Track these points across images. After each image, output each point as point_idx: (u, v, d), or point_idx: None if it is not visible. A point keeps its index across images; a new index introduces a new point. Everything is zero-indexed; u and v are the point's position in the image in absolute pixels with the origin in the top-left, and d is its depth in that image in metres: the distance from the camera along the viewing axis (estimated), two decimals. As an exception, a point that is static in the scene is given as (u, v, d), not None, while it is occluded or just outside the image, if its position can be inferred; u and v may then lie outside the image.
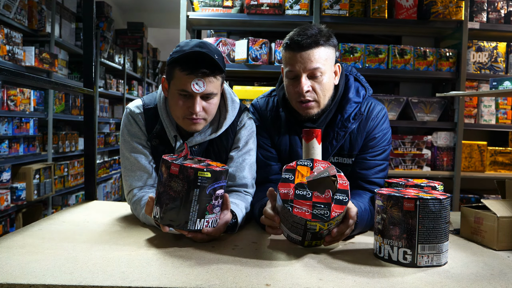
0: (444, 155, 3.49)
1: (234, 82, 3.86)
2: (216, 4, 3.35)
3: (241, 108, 1.62)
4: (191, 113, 1.43)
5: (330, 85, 1.53)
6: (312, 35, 1.46)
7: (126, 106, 1.60)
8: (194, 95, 1.41)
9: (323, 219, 1.14)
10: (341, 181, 1.21)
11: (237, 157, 1.57)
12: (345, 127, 1.56)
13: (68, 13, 4.51)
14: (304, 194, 1.17)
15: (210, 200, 1.20)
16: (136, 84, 7.17)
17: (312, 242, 1.24)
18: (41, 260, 1.09)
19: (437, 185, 1.42)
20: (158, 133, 1.55)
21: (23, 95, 3.61)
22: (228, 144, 1.59)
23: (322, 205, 1.16)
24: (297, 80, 1.49)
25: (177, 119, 1.49)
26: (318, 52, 1.46)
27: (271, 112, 1.68)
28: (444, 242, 1.12)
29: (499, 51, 3.51)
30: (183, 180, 1.18)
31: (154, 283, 0.96)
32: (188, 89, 1.40)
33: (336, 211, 1.15)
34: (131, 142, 1.56)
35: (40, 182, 3.85)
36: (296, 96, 1.51)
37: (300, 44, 1.45)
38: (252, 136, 1.62)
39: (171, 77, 1.44)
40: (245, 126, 1.60)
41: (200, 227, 1.21)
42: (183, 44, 1.44)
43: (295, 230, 1.20)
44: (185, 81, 1.39)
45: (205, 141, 1.56)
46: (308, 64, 1.46)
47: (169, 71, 1.45)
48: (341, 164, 1.60)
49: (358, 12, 3.41)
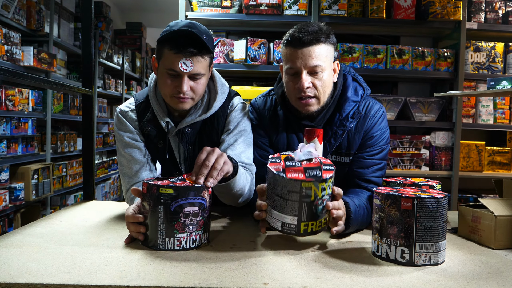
0: (442, 155, 3.50)
1: (233, 82, 3.86)
2: (215, 4, 3.36)
3: (231, 93, 1.64)
4: (178, 92, 1.45)
5: (329, 82, 1.54)
6: (313, 31, 1.47)
7: (116, 108, 1.62)
8: (182, 75, 1.43)
9: (316, 179, 1.17)
10: (324, 160, 1.26)
11: (228, 139, 1.57)
12: (343, 125, 1.57)
13: (66, 13, 4.51)
14: (294, 164, 1.23)
15: (177, 217, 1.17)
16: (135, 84, 7.17)
17: (308, 224, 1.21)
18: (39, 260, 1.09)
19: (435, 184, 1.42)
20: (149, 121, 1.57)
21: (21, 95, 3.61)
22: (219, 126, 1.60)
23: (313, 169, 1.20)
24: (298, 77, 1.50)
25: (165, 97, 1.51)
26: (319, 48, 1.47)
27: (269, 111, 1.69)
28: (442, 241, 1.12)
29: (497, 51, 3.52)
30: (150, 198, 1.19)
31: (152, 282, 0.96)
32: (176, 68, 1.41)
33: (327, 174, 1.19)
34: (123, 139, 1.58)
35: (39, 182, 3.84)
36: (296, 92, 1.52)
37: (301, 41, 1.46)
38: (244, 118, 1.62)
39: (160, 55, 1.46)
40: (235, 109, 1.62)
41: (170, 246, 1.18)
42: (173, 23, 1.46)
43: (290, 208, 1.19)
44: (173, 60, 1.41)
45: (196, 123, 1.58)
46: (309, 61, 1.47)
47: (159, 49, 1.46)
48: (339, 163, 1.61)
49: (356, 12, 3.42)
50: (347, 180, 1.60)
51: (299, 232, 1.22)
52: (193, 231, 1.20)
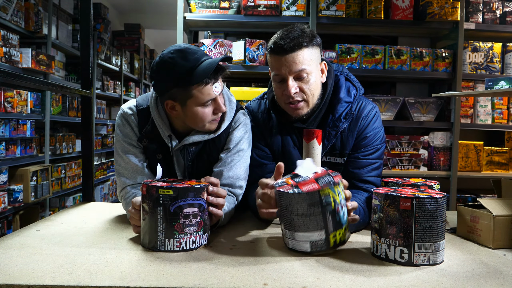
0: (441, 155, 3.50)
1: (231, 83, 3.86)
2: (213, 5, 3.36)
3: (236, 107, 1.62)
4: (216, 114, 1.48)
5: (317, 84, 1.55)
6: (294, 37, 1.47)
7: (120, 107, 1.61)
8: (216, 97, 1.45)
9: (331, 184, 1.16)
10: (325, 169, 1.24)
11: (226, 158, 1.56)
12: (336, 126, 1.57)
13: (65, 14, 4.51)
14: (304, 178, 1.19)
15: (176, 218, 1.18)
16: (133, 85, 7.16)
17: (336, 235, 1.18)
18: (39, 261, 1.09)
19: (433, 184, 1.43)
20: (148, 133, 1.55)
21: (20, 97, 3.61)
22: (220, 144, 1.58)
23: (323, 177, 1.18)
24: (284, 83, 1.51)
25: (202, 127, 1.50)
26: (302, 53, 1.48)
27: (262, 114, 1.69)
28: (441, 241, 1.13)
29: (495, 52, 3.53)
30: (149, 200, 1.19)
31: (152, 283, 0.96)
32: (212, 96, 1.43)
33: (337, 178, 1.19)
34: (122, 142, 1.57)
35: (37, 184, 3.84)
36: (285, 98, 1.53)
37: (283, 48, 1.47)
38: (244, 137, 1.59)
39: (188, 97, 1.42)
40: (238, 127, 1.59)
41: (170, 247, 1.19)
42: (180, 61, 1.39)
43: (314, 223, 1.15)
44: (210, 91, 1.41)
45: (202, 141, 1.56)
46: (293, 67, 1.48)
47: (183, 92, 1.41)
48: (333, 164, 1.61)
49: (354, 13, 3.42)
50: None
51: (329, 246, 1.18)
52: (192, 232, 1.20)
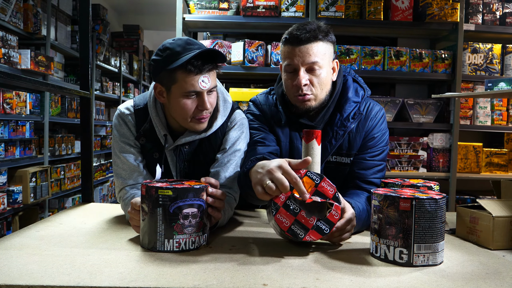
0: (440, 156, 3.50)
1: (230, 84, 3.86)
2: (212, 6, 3.36)
3: (233, 107, 1.61)
4: (200, 111, 1.44)
5: (327, 80, 1.55)
6: (311, 30, 1.49)
7: (118, 107, 1.61)
8: (202, 92, 1.42)
9: (296, 238, 1.18)
10: (333, 212, 1.20)
11: (222, 158, 1.55)
12: (344, 126, 1.57)
13: (63, 15, 4.51)
14: (293, 208, 1.18)
15: (176, 219, 1.18)
16: (132, 86, 7.16)
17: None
18: (39, 262, 1.09)
19: (433, 185, 1.43)
20: (146, 132, 1.55)
21: (19, 98, 3.61)
22: (216, 144, 1.58)
23: (301, 226, 1.18)
24: (296, 74, 1.52)
25: (184, 122, 1.47)
26: (317, 46, 1.49)
27: (270, 108, 1.69)
28: (440, 242, 1.13)
29: (495, 53, 3.53)
30: (149, 200, 1.19)
31: (151, 284, 0.96)
32: (197, 88, 1.39)
33: (311, 237, 1.18)
34: (119, 142, 1.57)
35: (37, 185, 3.84)
36: (294, 90, 1.53)
37: (299, 38, 1.48)
38: (241, 137, 1.59)
39: (172, 82, 1.41)
40: (234, 127, 1.58)
41: (169, 248, 1.19)
42: (169, 46, 1.40)
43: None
44: (193, 81, 1.39)
45: (195, 140, 1.56)
46: (307, 58, 1.49)
47: (168, 76, 1.41)
48: (339, 163, 1.61)
49: (354, 14, 3.43)
50: (347, 180, 1.60)
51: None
52: (192, 232, 1.20)
